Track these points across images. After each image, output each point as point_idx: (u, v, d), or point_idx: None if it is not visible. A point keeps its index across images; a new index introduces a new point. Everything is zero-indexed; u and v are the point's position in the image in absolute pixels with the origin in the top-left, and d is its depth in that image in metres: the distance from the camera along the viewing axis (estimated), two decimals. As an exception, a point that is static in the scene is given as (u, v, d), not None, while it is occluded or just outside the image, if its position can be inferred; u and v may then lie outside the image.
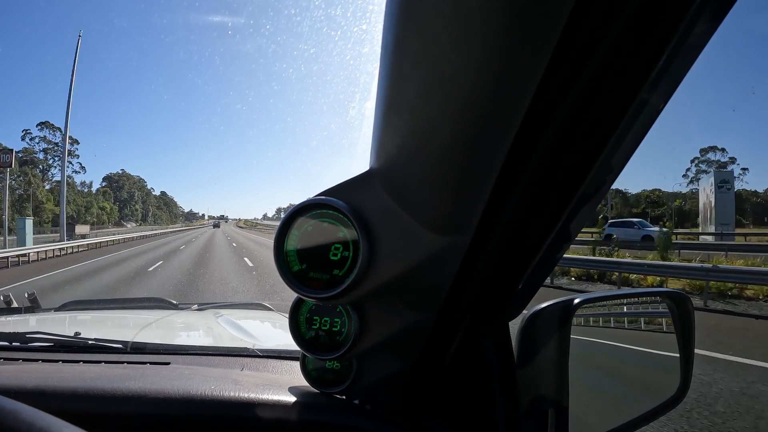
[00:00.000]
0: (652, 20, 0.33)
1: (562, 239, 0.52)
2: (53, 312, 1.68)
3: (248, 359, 0.99)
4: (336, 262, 0.52)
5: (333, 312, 0.65)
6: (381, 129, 0.45)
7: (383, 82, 0.40)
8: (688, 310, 0.81)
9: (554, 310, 0.62)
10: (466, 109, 0.36)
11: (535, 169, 0.42)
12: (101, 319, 1.63)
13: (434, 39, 0.32)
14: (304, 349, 0.66)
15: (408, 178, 0.46)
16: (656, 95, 0.39)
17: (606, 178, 0.45)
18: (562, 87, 0.36)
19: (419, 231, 0.48)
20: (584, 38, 0.33)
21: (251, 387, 0.73)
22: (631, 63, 0.35)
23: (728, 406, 3.53)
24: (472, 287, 0.56)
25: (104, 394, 0.70)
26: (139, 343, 1.05)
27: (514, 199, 0.45)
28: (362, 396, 0.73)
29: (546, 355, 0.61)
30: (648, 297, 1.04)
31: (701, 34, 0.35)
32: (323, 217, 0.52)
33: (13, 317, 1.56)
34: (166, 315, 1.59)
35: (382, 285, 0.52)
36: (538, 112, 0.36)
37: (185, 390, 0.71)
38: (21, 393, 0.69)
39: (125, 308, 1.89)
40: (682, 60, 0.36)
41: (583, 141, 0.41)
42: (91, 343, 1.05)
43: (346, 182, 0.52)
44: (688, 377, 0.79)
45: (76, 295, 7.39)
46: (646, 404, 0.79)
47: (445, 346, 0.64)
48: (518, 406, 0.60)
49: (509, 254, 0.53)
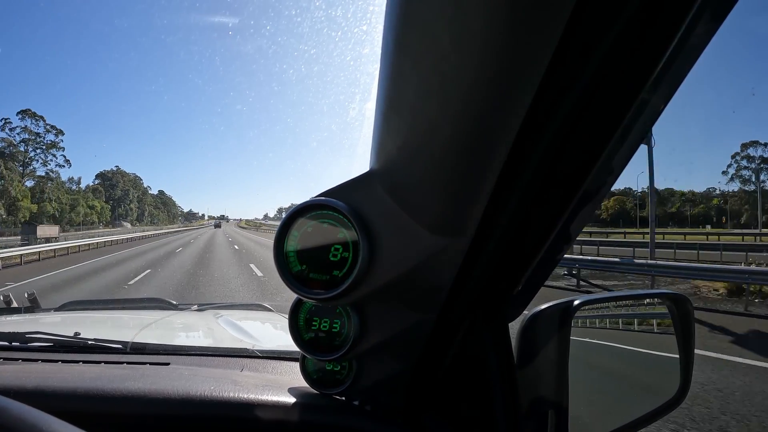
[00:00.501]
0: (653, 20, 0.33)
1: (562, 240, 0.52)
2: (53, 312, 1.68)
3: (248, 360, 0.99)
4: (336, 262, 0.52)
5: (333, 313, 0.65)
6: (381, 130, 0.45)
7: (384, 83, 0.40)
8: (688, 311, 0.80)
9: (554, 311, 0.62)
10: (467, 109, 0.36)
11: (536, 169, 0.42)
12: (101, 320, 1.63)
13: (435, 40, 0.32)
14: (304, 350, 0.66)
15: (408, 179, 0.46)
16: (657, 96, 0.39)
17: (606, 179, 0.45)
18: (563, 88, 0.36)
19: (419, 232, 0.48)
20: (585, 39, 0.33)
21: (251, 388, 0.73)
22: (631, 63, 0.35)
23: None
24: (472, 288, 0.56)
25: (104, 394, 0.70)
26: (139, 344, 1.05)
27: (515, 200, 0.45)
28: (362, 397, 0.73)
29: (546, 356, 0.60)
30: (648, 299, 1.04)
31: (702, 35, 0.35)
32: (323, 217, 0.52)
33: (12, 317, 1.56)
34: (166, 315, 1.59)
35: (382, 286, 0.52)
36: (539, 113, 0.36)
37: (185, 390, 0.71)
38: (21, 393, 0.69)
39: (125, 308, 1.89)
40: (683, 61, 0.36)
41: (584, 142, 0.41)
42: (91, 343, 1.05)
43: (346, 183, 0.52)
44: (688, 379, 0.79)
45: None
46: (645, 406, 0.79)
47: (445, 347, 0.64)
48: (518, 407, 0.60)
49: (509, 255, 0.53)
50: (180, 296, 8.45)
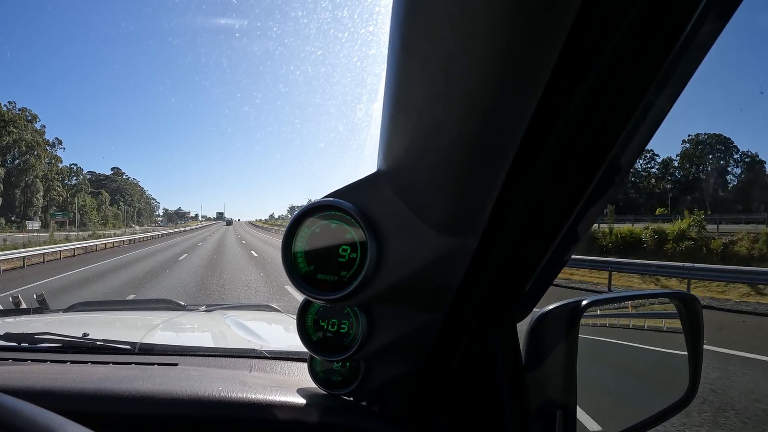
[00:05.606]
0: (659, 19, 0.33)
1: (570, 240, 0.52)
2: (61, 313, 1.70)
3: (256, 360, 1.00)
4: (344, 263, 0.52)
5: (341, 314, 0.65)
6: (388, 130, 0.45)
7: (390, 84, 0.40)
8: (697, 311, 0.80)
9: (562, 311, 0.62)
10: (474, 110, 0.36)
11: (543, 170, 0.42)
12: (109, 320, 1.64)
13: (441, 40, 0.32)
14: (312, 351, 0.66)
15: (416, 180, 0.46)
16: (663, 95, 0.38)
17: (614, 179, 0.45)
18: (570, 87, 0.36)
19: (427, 232, 0.48)
20: (591, 38, 0.33)
21: (259, 388, 0.73)
22: (638, 63, 0.35)
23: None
24: (479, 288, 0.56)
25: (112, 394, 0.70)
26: (147, 344, 1.06)
27: (522, 200, 0.45)
28: (370, 398, 0.73)
29: (554, 357, 0.60)
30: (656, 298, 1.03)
31: (708, 33, 0.34)
32: (331, 218, 0.52)
33: (21, 318, 1.57)
34: (174, 316, 1.60)
35: (389, 286, 0.52)
36: (546, 113, 0.36)
37: (193, 391, 0.71)
38: (29, 393, 0.69)
39: (133, 309, 1.90)
40: (689, 59, 0.36)
41: (591, 141, 0.41)
42: (100, 344, 1.05)
43: (353, 184, 0.52)
44: (697, 378, 0.78)
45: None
46: (653, 406, 0.79)
47: (453, 348, 0.64)
48: (526, 408, 0.60)
49: (517, 256, 0.53)
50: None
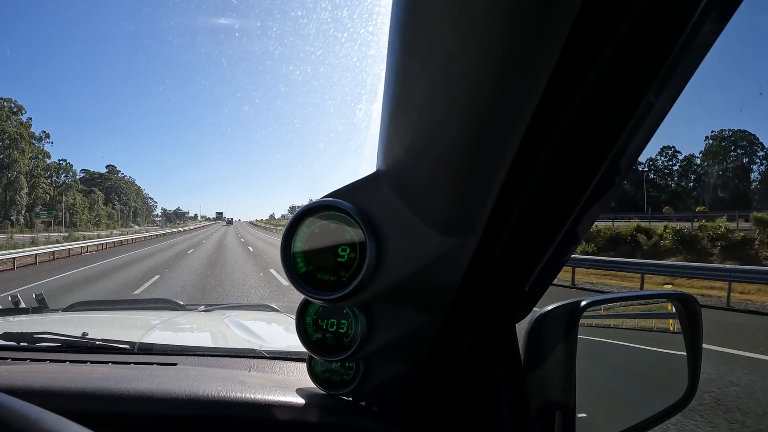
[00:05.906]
0: (659, 20, 0.33)
1: (569, 241, 0.52)
2: (61, 312, 1.69)
3: (255, 360, 0.99)
4: (343, 263, 0.52)
5: (340, 314, 0.65)
6: (388, 130, 0.45)
7: (390, 84, 0.40)
8: (696, 312, 0.80)
9: (562, 312, 0.62)
10: (474, 110, 0.36)
11: (543, 170, 0.42)
12: (108, 320, 1.64)
13: (441, 40, 0.32)
14: (311, 351, 0.66)
15: (415, 180, 0.46)
16: (663, 95, 0.38)
17: (614, 179, 0.45)
18: (569, 87, 0.36)
19: (426, 232, 0.48)
20: (591, 38, 0.33)
21: (258, 388, 0.73)
22: (638, 63, 0.35)
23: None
24: (479, 289, 0.56)
25: (111, 394, 0.70)
26: (147, 344, 1.06)
27: (522, 200, 0.45)
28: (369, 398, 0.73)
29: (553, 357, 0.60)
30: (655, 299, 1.03)
31: (708, 34, 0.34)
32: (330, 218, 0.52)
33: (20, 317, 1.57)
34: (174, 316, 1.59)
35: (389, 287, 0.52)
36: (546, 113, 0.36)
37: (192, 391, 0.71)
38: (28, 393, 0.69)
39: (132, 309, 1.90)
40: (690, 60, 0.36)
41: (591, 142, 0.41)
42: (99, 343, 1.05)
43: (353, 184, 0.52)
44: (696, 379, 0.78)
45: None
46: (653, 406, 0.79)
47: (453, 348, 0.64)
48: (525, 408, 0.60)
49: (516, 256, 0.53)
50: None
